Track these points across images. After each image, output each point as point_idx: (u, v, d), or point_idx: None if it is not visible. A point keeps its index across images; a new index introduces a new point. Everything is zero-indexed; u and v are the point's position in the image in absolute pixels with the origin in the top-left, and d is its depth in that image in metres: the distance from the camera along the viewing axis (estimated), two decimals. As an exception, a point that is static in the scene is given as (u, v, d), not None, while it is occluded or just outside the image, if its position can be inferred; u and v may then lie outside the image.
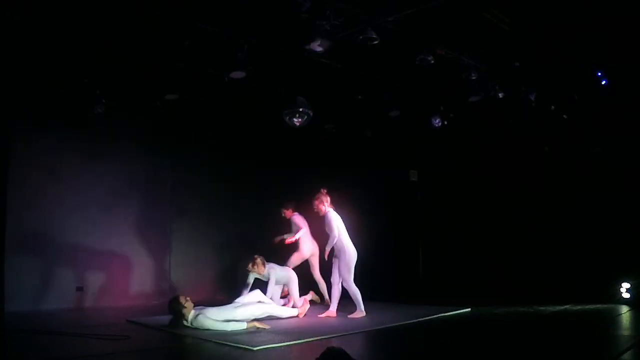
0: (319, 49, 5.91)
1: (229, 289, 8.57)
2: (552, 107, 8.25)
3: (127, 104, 7.88)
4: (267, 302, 6.56)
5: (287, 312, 6.73)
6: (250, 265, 6.99)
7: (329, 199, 6.94)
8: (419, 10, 5.78)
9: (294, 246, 7.80)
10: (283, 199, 8.14)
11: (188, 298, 5.90)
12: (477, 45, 6.76)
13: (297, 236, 7.71)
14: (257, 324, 5.78)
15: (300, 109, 7.24)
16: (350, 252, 6.76)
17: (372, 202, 10.14)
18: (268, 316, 6.35)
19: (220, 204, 9.22)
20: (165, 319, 6.06)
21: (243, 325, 5.71)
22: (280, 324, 6.28)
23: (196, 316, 5.75)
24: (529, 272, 8.64)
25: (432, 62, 6.64)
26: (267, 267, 7.00)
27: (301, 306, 6.95)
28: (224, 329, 5.63)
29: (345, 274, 6.71)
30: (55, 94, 7.27)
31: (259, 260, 6.98)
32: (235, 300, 6.46)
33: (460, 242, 9.70)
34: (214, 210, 9.13)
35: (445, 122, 8.86)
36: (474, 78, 7.22)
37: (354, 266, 6.77)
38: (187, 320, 5.78)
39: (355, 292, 6.74)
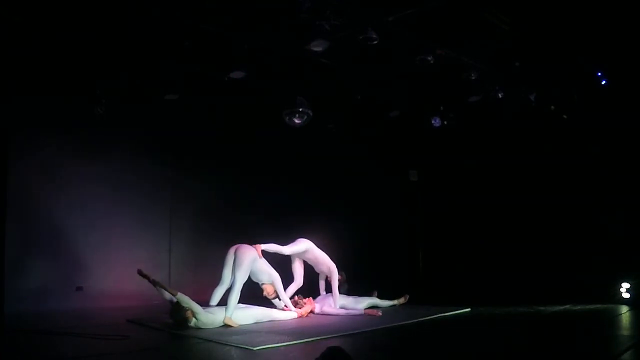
0: (319, 48, 5.91)
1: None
2: (552, 107, 8.25)
3: (127, 104, 7.87)
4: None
5: (288, 315, 6.74)
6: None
7: None
8: (419, 10, 5.78)
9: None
10: (283, 198, 8.05)
11: None
12: (477, 45, 6.76)
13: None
14: (228, 321, 5.88)
15: (300, 109, 7.23)
16: None
17: (371, 202, 10.14)
18: (270, 320, 6.39)
19: (221, 204, 9.21)
20: (166, 318, 6.05)
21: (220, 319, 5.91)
22: (280, 324, 6.29)
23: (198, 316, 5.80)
24: (529, 272, 8.64)
25: (432, 62, 6.65)
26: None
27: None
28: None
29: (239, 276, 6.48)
30: (55, 94, 7.25)
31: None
32: None
33: (461, 242, 9.70)
34: (215, 210, 9.10)
35: (445, 122, 8.85)
36: (474, 78, 7.23)
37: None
38: (190, 323, 5.80)
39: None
